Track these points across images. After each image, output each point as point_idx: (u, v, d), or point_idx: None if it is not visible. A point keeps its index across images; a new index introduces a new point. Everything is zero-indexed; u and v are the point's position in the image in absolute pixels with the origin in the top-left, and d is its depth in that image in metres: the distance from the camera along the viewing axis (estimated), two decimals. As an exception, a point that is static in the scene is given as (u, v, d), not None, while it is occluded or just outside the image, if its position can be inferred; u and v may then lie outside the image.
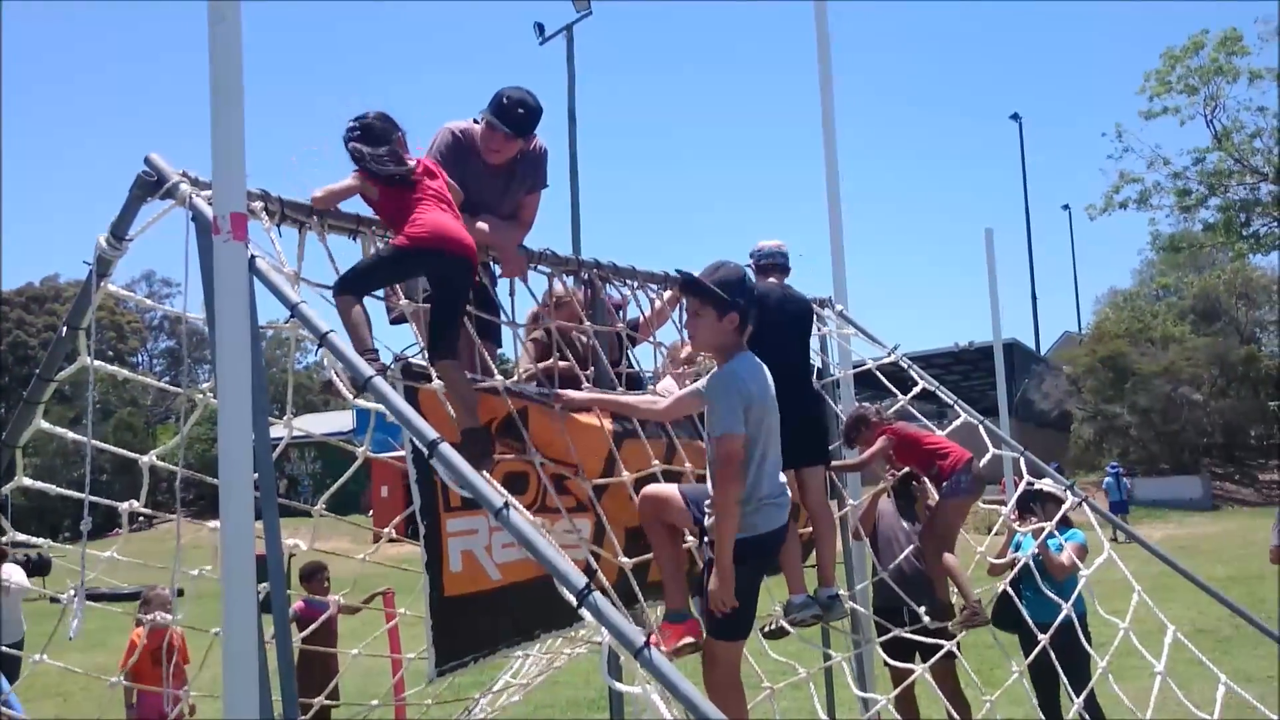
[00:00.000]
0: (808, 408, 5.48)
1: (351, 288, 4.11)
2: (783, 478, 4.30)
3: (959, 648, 6.45)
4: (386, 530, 4.77)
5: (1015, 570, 6.80)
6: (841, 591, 5.70)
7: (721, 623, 4.15)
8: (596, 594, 2.74)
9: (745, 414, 4.03)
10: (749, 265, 5.66)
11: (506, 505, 2.89)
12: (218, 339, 3.21)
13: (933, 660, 6.10)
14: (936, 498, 6.40)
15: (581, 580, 2.76)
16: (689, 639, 4.21)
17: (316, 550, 6.88)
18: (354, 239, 4.27)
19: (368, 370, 3.21)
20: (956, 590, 6.24)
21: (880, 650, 6.83)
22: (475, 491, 2.97)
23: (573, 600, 2.77)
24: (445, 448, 3.02)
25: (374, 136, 4.15)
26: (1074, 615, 6.38)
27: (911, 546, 6.89)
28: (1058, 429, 42.27)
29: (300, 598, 7.90)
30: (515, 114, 4.72)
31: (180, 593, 5.22)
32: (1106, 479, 27.64)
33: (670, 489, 4.57)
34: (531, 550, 2.81)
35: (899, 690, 6.43)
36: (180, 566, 4.58)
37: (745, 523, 4.08)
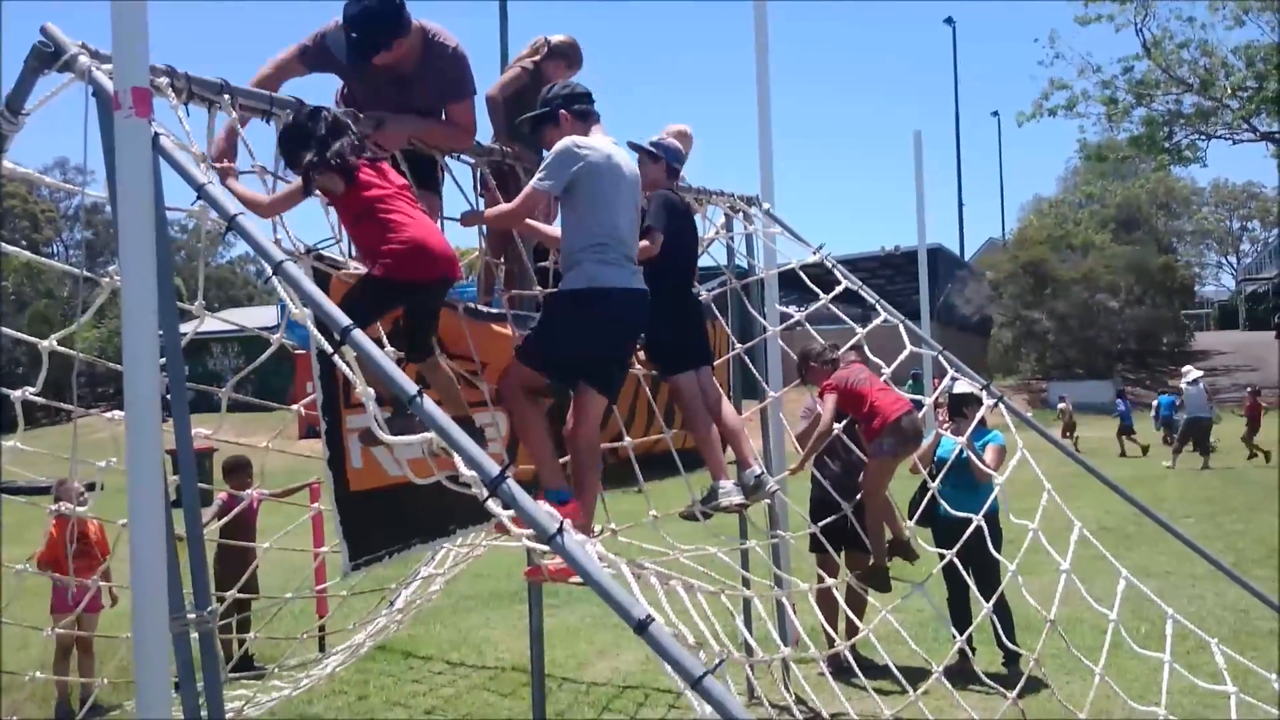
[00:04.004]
0: (700, 317, 5.79)
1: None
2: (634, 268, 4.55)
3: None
4: (296, 409, 4.74)
5: (939, 470, 6.95)
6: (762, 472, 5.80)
7: (529, 348, 4.48)
8: (510, 482, 2.73)
9: (571, 175, 4.38)
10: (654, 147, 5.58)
11: (420, 394, 2.85)
12: (120, 221, 3.08)
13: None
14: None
15: (495, 468, 2.74)
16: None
17: (239, 444, 6.85)
18: (268, 121, 4.09)
19: (278, 255, 3.12)
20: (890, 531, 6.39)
21: (809, 547, 7.03)
22: (389, 380, 2.92)
23: (482, 493, 2.76)
24: (358, 334, 2.96)
25: (334, 130, 3.85)
26: (987, 518, 6.58)
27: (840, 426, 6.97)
28: (978, 333, 43.11)
29: (223, 492, 7.82)
30: (351, 40, 4.33)
31: (93, 486, 5.13)
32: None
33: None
34: (446, 438, 2.78)
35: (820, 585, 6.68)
36: (92, 459, 4.50)
37: (586, 271, 4.39)
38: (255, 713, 6.22)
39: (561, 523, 2.70)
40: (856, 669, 6.25)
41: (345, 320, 2.97)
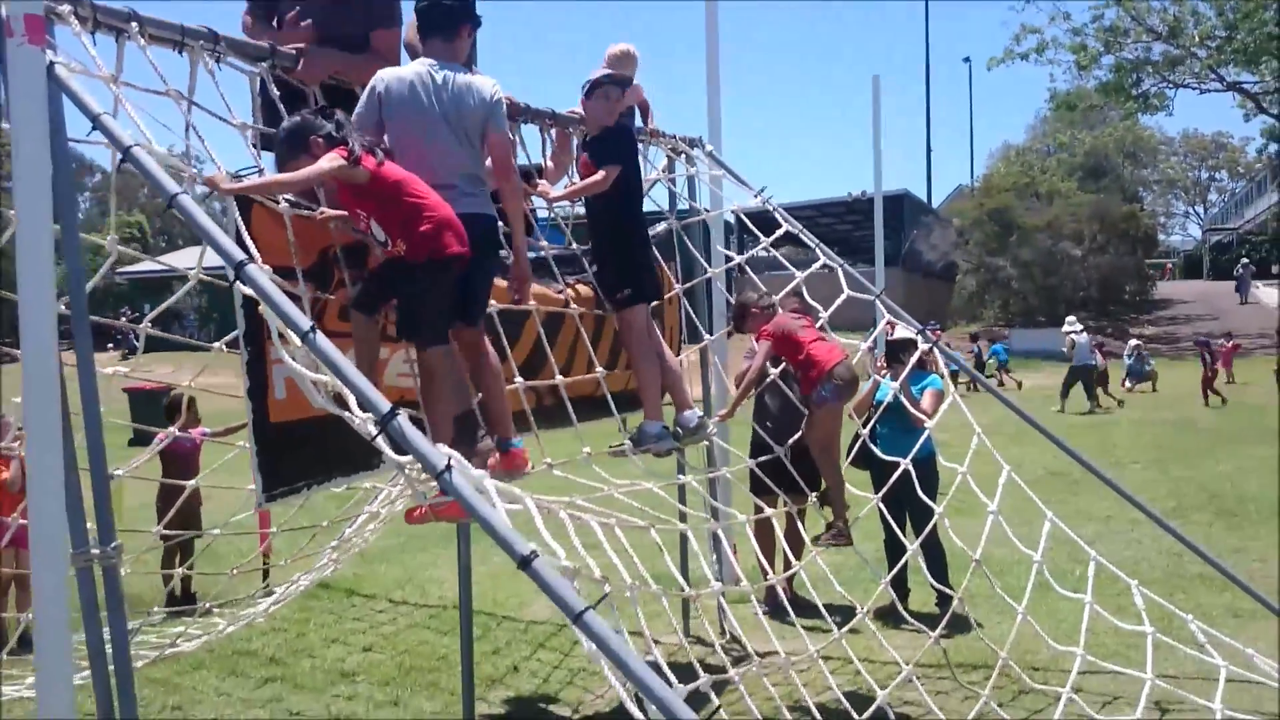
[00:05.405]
0: (652, 253, 5.84)
1: (438, 339, 4.07)
2: (457, 174, 4.32)
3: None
4: (218, 346, 4.64)
5: (876, 413, 7.01)
6: (701, 414, 5.87)
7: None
8: (402, 419, 2.72)
9: (377, 111, 4.25)
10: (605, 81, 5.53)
11: (313, 329, 2.82)
12: (15, 152, 3.02)
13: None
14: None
15: (386, 405, 2.73)
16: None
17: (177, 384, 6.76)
18: (180, 53, 4.00)
19: (174, 186, 3.06)
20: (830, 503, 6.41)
21: (748, 490, 7.10)
22: (282, 315, 2.89)
23: (372, 430, 2.75)
24: (252, 270, 2.92)
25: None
26: (927, 461, 6.66)
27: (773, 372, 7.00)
28: (944, 279, 43.29)
29: (165, 431, 7.74)
30: None
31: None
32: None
33: None
34: (336, 373, 2.76)
35: (759, 517, 6.76)
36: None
37: None
38: (189, 647, 6.24)
39: (450, 459, 2.69)
40: (790, 609, 6.31)
41: (240, 255, 2.93)
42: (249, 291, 3.09)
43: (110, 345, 29.41)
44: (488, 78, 4.50)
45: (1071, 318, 24.57)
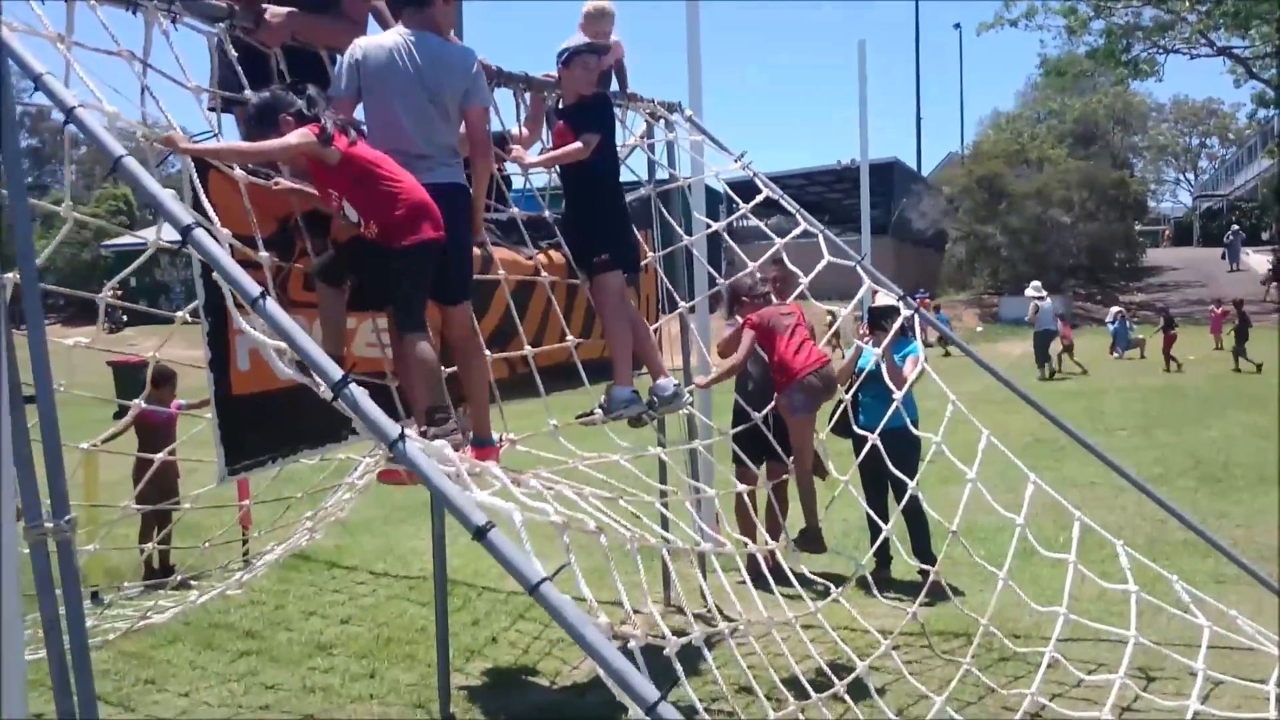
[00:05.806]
0: (630, 223, 5.74)
1: (414, 325, 3.97)
2: (435, 145, 4.26)
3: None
4: (182, 315, 4.54)
5: (856, 381, 6.94)
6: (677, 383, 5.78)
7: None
8: (354, 387, 2.64)
9: (356, 80, 4.18)
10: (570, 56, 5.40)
11: (263, 295, 2.74)
12: (-46, 112, 2.93)
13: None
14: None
15: (338, 373, 2.65)
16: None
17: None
18: (134, 13, 3.89)
19: (117, 149, 2.97)
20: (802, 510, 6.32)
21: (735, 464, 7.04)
22: (231, 281, 2.81)
23: (328, 394, 2.68)
24: (199, 234, 2.83)
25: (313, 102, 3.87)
26: (902, 426, 6.59)
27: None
28: (934, 248, 43.21)
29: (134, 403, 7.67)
30: None
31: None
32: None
33: None
34: (288, 340, 2.68)
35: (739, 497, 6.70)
36: None
37: None
38: (161, 619, 6.18)
39: (403, 429, 2.62)
40: (771, 578, 6.26)
41: (188, 219, 2.84)
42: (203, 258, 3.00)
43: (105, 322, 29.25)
44: (465, 48, 4.42)
45: (1037, 283, 24.37)
